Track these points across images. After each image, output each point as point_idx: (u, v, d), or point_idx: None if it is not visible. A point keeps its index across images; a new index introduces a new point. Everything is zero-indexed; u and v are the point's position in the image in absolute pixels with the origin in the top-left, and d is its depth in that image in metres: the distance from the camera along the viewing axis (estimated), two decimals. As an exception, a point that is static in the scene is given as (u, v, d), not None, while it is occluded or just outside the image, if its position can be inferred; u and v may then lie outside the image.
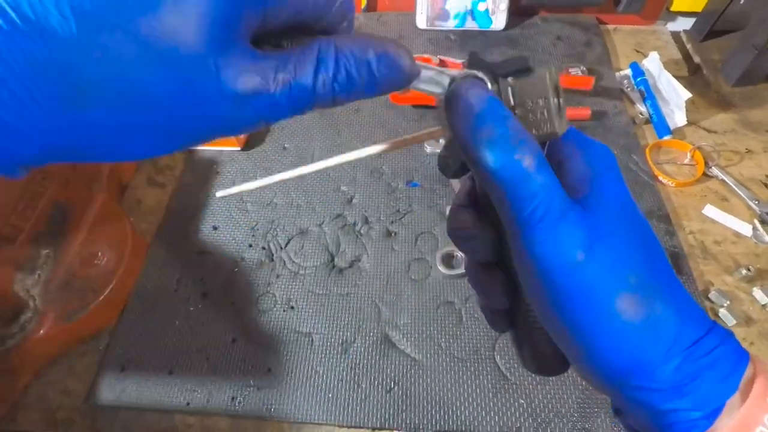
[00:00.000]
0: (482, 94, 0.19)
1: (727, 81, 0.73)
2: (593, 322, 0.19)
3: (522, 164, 0.19)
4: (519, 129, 0.19)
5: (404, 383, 0.48)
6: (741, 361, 0.19)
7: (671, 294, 0.19)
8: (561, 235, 0.18)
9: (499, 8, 0.81)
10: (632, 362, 0.19)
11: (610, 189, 0.20)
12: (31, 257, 0.47)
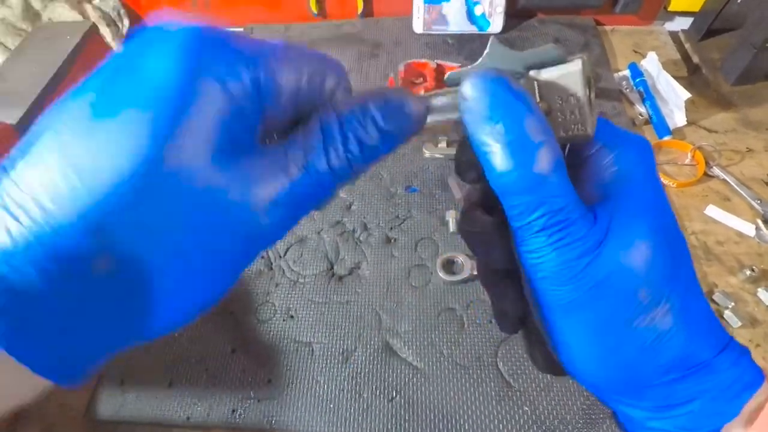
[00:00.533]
0: (494, 86, 0.17)
1: (727, 80, 0.72)
2: (596, 335, 0.18)
3: (531, 168, 0.17)
4: (537, 129, 0.17)
5: (406, 392, 0.48)
6: (751, 385, 0.18)
7: (686, 311, 0.18)
8: (564, 247, 0.17)
9: (496, 11, 0.80)
10: (626, 376, 0.18)
11: (633, 193, 0.18)
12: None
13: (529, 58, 0.18)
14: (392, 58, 0.82)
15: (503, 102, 0.17)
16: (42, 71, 0.54)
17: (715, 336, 0.18)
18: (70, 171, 0.13)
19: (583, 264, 0.17)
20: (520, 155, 0.17)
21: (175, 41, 0.15)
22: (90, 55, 0.60)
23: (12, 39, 0.79)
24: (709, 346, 0.18)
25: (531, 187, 0.17)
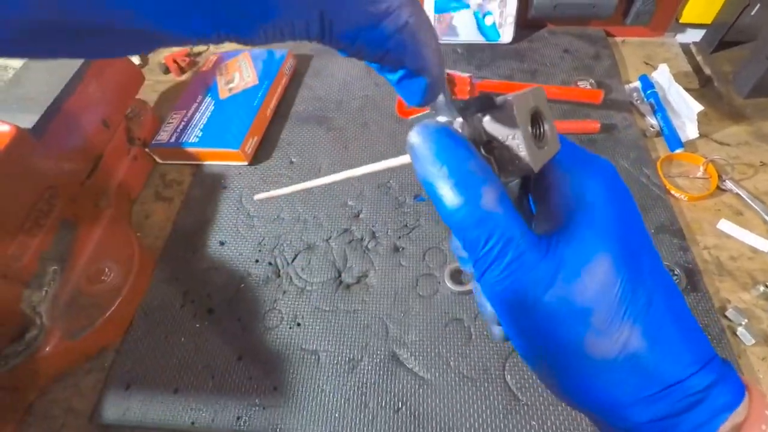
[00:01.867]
0: (437, 134, 0.19)
1: (739, 93, 0.72)
2: (557, 362, 0.18)
3: (478, 204, 0.18)
4: (478, 169, 0.18)
5: (412, 403, 0.47)
6: (730, 405, 0.17)
7: (656, 327, 0.18)
8: (515, 277, 0.18)
9: (506, 21, 0.81)
10: (600, 399, 0.18)
11: (589, 219, 0.19)
12: (37, 274, 0.47)
13: (472, 106, 0.20)
14: (402, 67, 0.82)
15: (446, 147, 0.18)
16: (57, 77, 0.54)
17: (693, 353, 0.18)
18: None
19: (537, 293, 0.18)
20: (465, 193, 0.18)
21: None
22: (104, 62, 0.61)
23: (28, 44, 0.80)
24: (684, 364, 0.18)
25: (479, 221, 0.18)
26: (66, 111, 0.54)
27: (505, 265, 0.18)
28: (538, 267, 0.18)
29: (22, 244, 0.45)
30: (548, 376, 0.19)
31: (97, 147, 0.60)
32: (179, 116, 0.72)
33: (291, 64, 0.82)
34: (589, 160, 0.20)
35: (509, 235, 0.18)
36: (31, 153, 0.47)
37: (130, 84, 0.68)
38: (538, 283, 0.18)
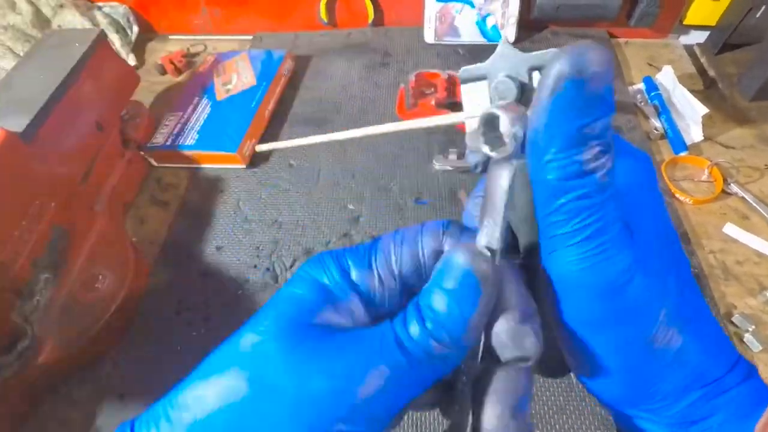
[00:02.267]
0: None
1: (744, 95, 0.71)
2: (618, 349, 0.18)
3: (588, 168, 0.16)
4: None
5: (414, 413, 0.46)
6: (761, 402, 0.18)
7: (699, 326, 0.18)
8: (614, 256, 0.16)
9: (508, 22, 0.80)
10: (646, 393, 0.18)
11: (650, 208, 0.18)
12: (29, 282, 0.46)
13: (533, 60, 0.18)
14: (402, 67, 0.81)
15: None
16: (50, 78, 0.53)
17: (726, 353, 0.18)
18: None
19: (621, 280, 0.17)
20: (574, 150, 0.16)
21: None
22: (99, 62, 0.59)
23: (22, 45, 0.78)
24: (722, 363, 0.18)
25: (596, 190, 0.16)
26: (58, 113, 0.52)
27: (598, 243, 0.16)
28: (624, 253, 0.16)
29: (13, 250, 0.44)
30: (597, 369, 0.19)
31: (90, 150, 0.59)
32: (175, 118, 0.71)
33: (290, 65, 0.80)
34: (635, 153, 0.20)
35: (614, 213, 0.16)
36: (22, 157, 0.46)
37: (126, 85, 0.66)
38: (623, 270, 0.16)
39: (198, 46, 0.91)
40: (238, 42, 0.92)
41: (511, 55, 0.19)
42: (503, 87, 0.19)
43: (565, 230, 0.16)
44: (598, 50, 0.15)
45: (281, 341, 0.17)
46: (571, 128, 0.15)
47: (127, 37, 0.88)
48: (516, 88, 0.18)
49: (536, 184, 0.17)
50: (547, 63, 0.15)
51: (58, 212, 0.49)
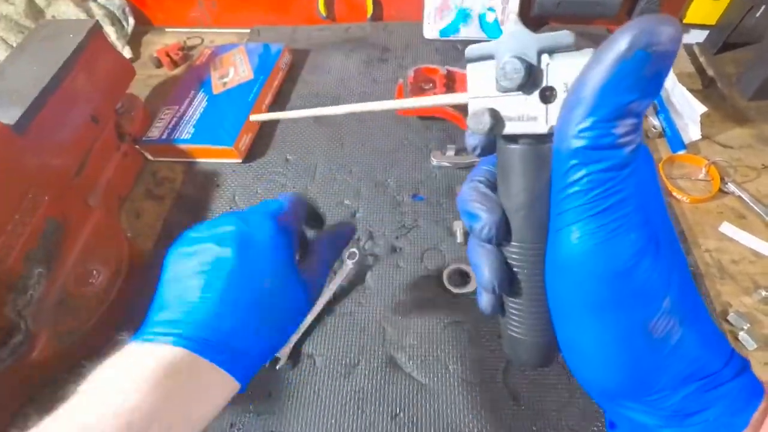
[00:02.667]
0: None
1: (743, 95, 0.71)
2: (620, 336, 0.18)
3: (620, 141, 0.16)
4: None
5: (410, 409, 0.46)
6: (755, 396, 0.18)
7: (697, 320, 0.18)
8: (628, 234, 0.16)
9: (508, 18, 0.79)
10: (643, 383, 0.18)
11: (656, 201, 0.18)
12: (23, 276, 0.45)
13: (543, 41, 0.18)
14: (401, 62, 0.81)
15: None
16: (43, 70, 0.52)
17: (722, 348, 0.18)
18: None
19: (631, 263, 0.16)
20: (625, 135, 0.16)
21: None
22: (93, 54, 0.58)
23: (15, 36, 0.77)
24: (718, 357, 0.18)
25: (620, 164, 0.16)
26: (52, 105, 0.52)
27: (615, 217, 0.16)
28: (638, 233, 0.16)
29: (6, 244, 0.43)
30: (596, 355, 0.19)
31: (85, 143, 0.58)
32: (171, 112, 0.70)
33: (287, 58, 0.80)
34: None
35: (634, 191, 0.16)
36: (14, 150, 0.46)
37: (121, 78, 0.66)
38: (635, 251, 0.16)
39: (195, 39, 0.90)
40: (235, 35, 0.91)
41: (521, 35, 0.18)
42: (510, 68, 0.18)
43: (582, 202, 0.16)
44: (674, 27, 0.14)
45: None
46: (622, 100, 0.15)
47: (122, 30, 0.87)
48: (524, 69, 0.18)
49: (558, 153, 0.17)
50: (619, 29, 0.15)
51: (52, 205, 0.49)
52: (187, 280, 0.29)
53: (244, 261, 0.30)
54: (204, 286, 0.28)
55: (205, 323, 0.27)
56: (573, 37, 0.17)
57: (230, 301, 0.28)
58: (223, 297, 0.28)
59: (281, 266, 0.31)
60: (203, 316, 0.28)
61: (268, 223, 0.32)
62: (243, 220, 0.32)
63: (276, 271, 0.31)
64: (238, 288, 0.29)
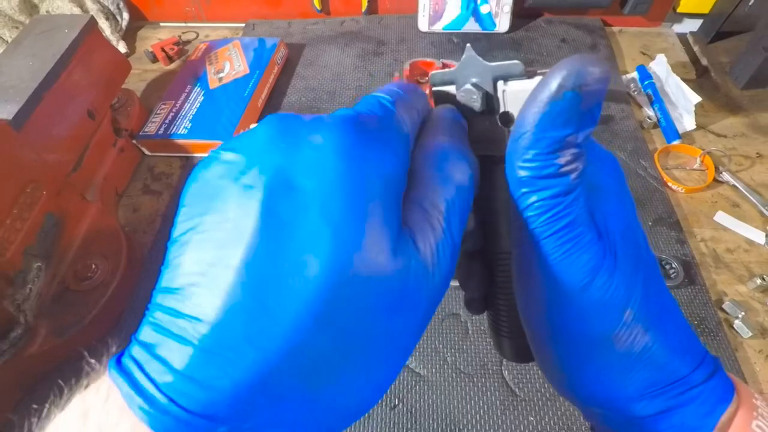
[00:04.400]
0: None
1: (736, 84, 0.71)
2: (582, 349, 0.18)
3: (563, 170, 0.16)
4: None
5: (408, 400, 0.46)
6: (725, 398, 0.18)
7: (664, 325, 0.18)
8: (579, 253, 0.17)
9: (502, 10, 0.79)
10: (608, 392, 0.18)
11: (617, 210, 0.18)
12: (21, 271, 0.45)
13: (497, 70, 0.19)
14: (396, 56, 0.81)
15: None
16: (39, 65, 0.52)
17: (692, 351, 0.19)
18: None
19: (585, 281, 0.17)
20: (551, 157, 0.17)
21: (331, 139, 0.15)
22: (89, 49, 0.58)
23: (9, 32, 0.77)
24: (687, 362, 0.18)
25: (567, 189, 0.17)
26: (49, 101, 0.52)
27: (565, 240, 0.17)
28: (590, 253, 0.17)
29: (4, 238, 0.43)
30: (562, 367, 0.19)
31: (82, 138, 0.58)
32: (168, 107, 0.70)
33: (283, 53, 0.80)
34: (602, 154, 0.20)
35: (583, 213, 0.17)
36: (12, 145, 0.46)
37: (117, 73, 0.66)
38: (588, 270, 0.17)
39: (190, 33, 0.90)
40: (230, 30, 0.91)
41: (476, 63, 0.20)
42: (468, 95, 0.20)
43: (536, 225, 0.17)
44: (600, 67, 0.15)
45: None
46: (559, 135, 0.16)
47: (117, 25, 0.87)
48: (480, 97, 0.19)
49: (511, 179, 0.18)
50: (550, 71, 0.16)
51: (50, 201, 0.49)
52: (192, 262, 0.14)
53: (276, 239, 0.13)
54: (205, 288, 0.13)
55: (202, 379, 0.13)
56: (522, 66, 0.19)
57: (252, 311, 0.13)
58: (231, 317, 0.13)
59: (375, 225, 0.14)
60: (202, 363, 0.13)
61: (344, 148, 0.15)
62: (291, 142, 0.15)
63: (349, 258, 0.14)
64: (267, 283, 0.13)
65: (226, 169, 0.14)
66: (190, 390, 0.12)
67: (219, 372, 0.13)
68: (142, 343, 0.14)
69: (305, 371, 0.13)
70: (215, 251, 0.13)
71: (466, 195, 0.18)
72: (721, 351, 0.48)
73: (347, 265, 0.13)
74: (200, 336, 0.13)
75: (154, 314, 0.14)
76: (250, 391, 0.13)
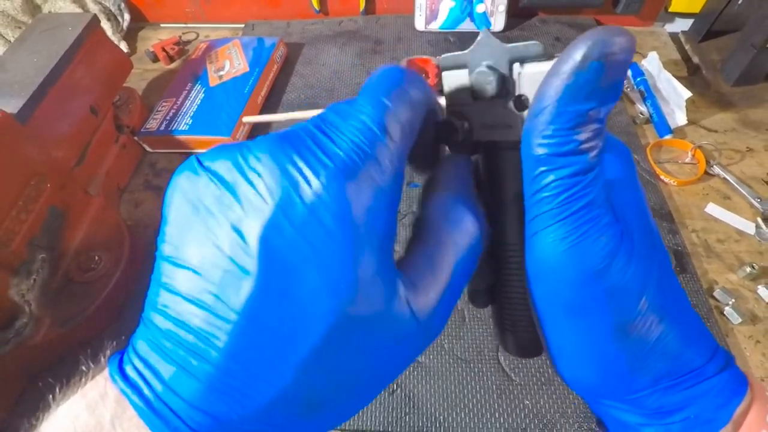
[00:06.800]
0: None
1: (727, 81, 0.73)
2: (596, 338, 0.18)
3: (583, 147, 0.16)
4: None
5: (407, 385, 0.47)
6: (738, 391, 0.18)
7: (679, 316, 0.18)
8: (597, 235, 0.16)
9: (497, 10, 0.81)
10: (621, 384, 0.18)
11: (633, 202, 0.18)
12: (26, 262, 0.46)
13: (514, 51, 0.18)
14: (394, 54, 0.82)
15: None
16: (43, 61, 0.53)
17: (705, 343, 0.18)
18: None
19: (603, 265, 0.17)
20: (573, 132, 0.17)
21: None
22: (92, 46, 0.59)
23: (12, 32, 0.78)
24: (701, 353, 0.18)
25: (584, 168, 0.16)
26: (53, 96, 0.53)
27: (584, 221, 0.16)
28: (608, 235, 0.16)
29: (10, 229, 0.44)
30: (574, 357, 0.19)
31: (85, 134, 0.59)
32: (169, 104, 0.71)
33: (282, 52, 0.81)
34: (616, 143, 0.20)
35: (601, 194, 0.16)
36: (17, 138, 0.46)
37: (119, 71, 0.67)
38: (606, 253, 0.16)
39: (190, 34, 0.91)
40: (230, 30, 0.92)
41: (492, 45, 0.19)
42: (482, 78, 0.19)
43: (552, 206, 0.16)
44: (626, 37, 0.15)
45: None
46: (581, 109, 0.15)
47: (118, 25, 0.88)
48: (496, 80, 0.18)
49: (527, 159, 0.17)
50: (574, 42, 0.15)
51: (54, 194, 0.50)
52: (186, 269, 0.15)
53: (274, 293, 0.14)
54: (209, 327, 0.14)
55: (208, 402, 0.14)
56: (542, 47, 0.18)
57: (254, 359, 0.14)
58: (240, 348, 0.14)
59: (368, 276, 0.15)
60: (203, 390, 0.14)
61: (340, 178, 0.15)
62: (288, 189, 0.14)
63: (352, 294, 0.15)
64: (266, 332, 0.14)
65: (215, 197, 0.15)
66: (199, 417, 0.14)
67: (226, 408, 0.14)
68: (144, 359, 0.15)
69: (300, 405, 0.15)
70: (213, 290, 0.14)
71: (476, 252, 0.18)
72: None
73: (341, 317, 0.14)
74: (206, 373, 0.14)
75: (152, 332, 0.15)
76: (253, 422, 0.15)
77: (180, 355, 0.14)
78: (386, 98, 0.17)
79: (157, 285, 0.15)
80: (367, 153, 0.15)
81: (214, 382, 0.14)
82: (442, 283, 0.17)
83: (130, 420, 0.14)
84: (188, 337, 0.14)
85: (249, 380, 0.14)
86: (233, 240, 0.14)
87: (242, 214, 0.14)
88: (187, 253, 0.15)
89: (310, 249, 0.14)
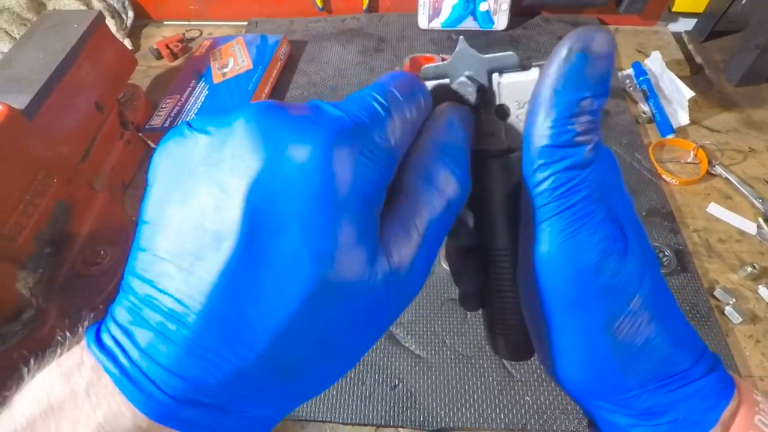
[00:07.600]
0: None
1: (730, 81, 0.73)
2: (587, 337, 0.18)
3: (579, 139, 0.17)
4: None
5: (409, 380, 0.48)
6: (725, 393, 0.18)
7: (668, 317, 0.18)
8: (592, 231, 0.17)
9: (501, 8, 0.81)
10: (610, 384, 0.18)
11: (620, 202, 0.18)
12: (33, 255, 0.47)
13: (491, 62, 0.19)
14: (397, 52, 0.83)
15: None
16: (49, 58, 0.54)
17: (692, 345, 0.19)
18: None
19: (597, 260, 0.17)
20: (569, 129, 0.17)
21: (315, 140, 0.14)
22: (97, 43, 0.60)
23: (18, 29, 0.79)
24: (688, 355, 0.18)
25: (584, 163, 0.17)
26: (59, 92, 0.53)
27: (581, 215, 0.17)
28: (604, 231, 0.17)
29: (17, 223, 0.45)
30: (564, 358, 0.19)
31: (90, 130, 0.59)
32: (173, 101, 0.71)
33: (285, 49, 0.81)
34: (601, 148, 0.20)
35: (597, 189, 0.17)
36: (25, 133, 0.47)
37: (123, 68, 0.67)
38: (601, 249, 0.17)
39: (193, 31, 0.91)
40: (233, 27, 0.93)
41: (470, 56, 0.19)
42: (463, 89, 0.19)
43: (549, 200, 0.17)
44: (604, 33, 0.16)
45: None
46: (574, 97, 0.16)
47: (122, 23, 0.89)
48: (475, 90, 0.19)
49: (527, 155, 0.17)
50: (559, 43, 0.17)
51: (60, 189, 0.50)
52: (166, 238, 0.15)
53: (255, 254, 0.14)
54: (186, 281, 0.14)
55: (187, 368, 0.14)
56: (517, 58, 0.19)
57: (233, 322, 0.14)
58: (217, 312, 0.14)
59: (349, 241, 0.15)
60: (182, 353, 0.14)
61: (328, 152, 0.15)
62: (273, 150, 0.14)
63: (327, 257, 0.14)
64: (246, 295, 0.14)
65: (202, 157, 0.14)
66: (175, 383, 0.14)
67: (203, 372, 0.14)
68: (121, 326, 0.14)
69: (279, 369, 0.15)
70: (193, 251, 0.14)
71: (454, 209, 0.18)
72: (712, 336, 0.49)
73: (321, 282, 0.14)
74: (183, 337, 0.14)
75: (130, 298, 0.15)
76: (229, 386, 0.14)
77: (157, 320, 0.14)
78: (393, 86, 0.17)
79: (136, 249, 0.15)
80: (363, 123, 0.15)
81: (192, 347, 0.14)
82: (414, 245, 0.16)
83: (105, 387, 0.14)
84: (166, 300, 0.14)
85: (227, 343, 0.14)
86: (217, 198, 0.14)
87: (228, 172, 0.14)
88: (168, 214, 0.14)
89: (293, 211, 0.14)
